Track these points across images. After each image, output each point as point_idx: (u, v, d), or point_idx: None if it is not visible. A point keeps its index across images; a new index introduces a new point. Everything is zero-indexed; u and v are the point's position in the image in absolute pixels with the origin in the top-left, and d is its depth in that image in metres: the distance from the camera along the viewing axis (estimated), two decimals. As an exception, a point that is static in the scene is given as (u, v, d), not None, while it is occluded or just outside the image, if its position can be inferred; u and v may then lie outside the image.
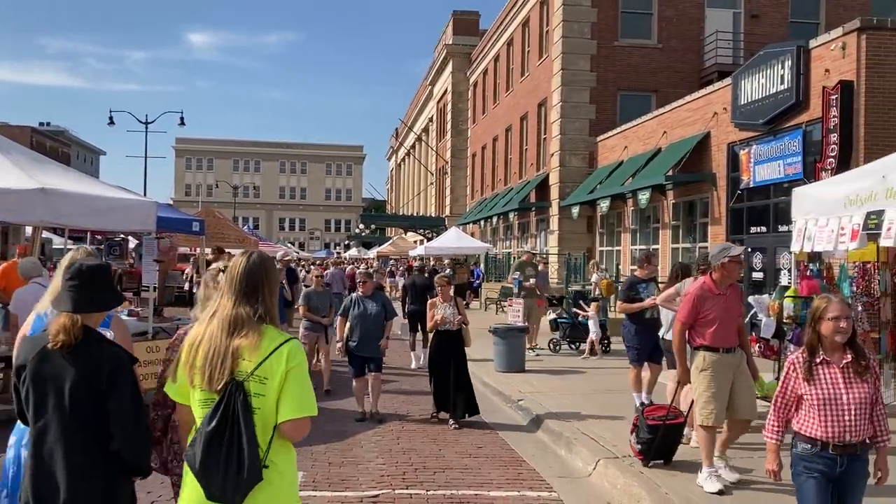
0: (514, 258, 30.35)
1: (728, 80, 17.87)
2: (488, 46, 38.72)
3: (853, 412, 3.92)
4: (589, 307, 14.74)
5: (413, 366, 13.79)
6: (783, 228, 15.01)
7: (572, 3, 25.89)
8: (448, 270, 29.33)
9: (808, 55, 14.91)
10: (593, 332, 14.21)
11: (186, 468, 2.87)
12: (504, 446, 8.03)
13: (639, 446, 6.85)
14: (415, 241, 49.64)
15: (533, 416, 9.24)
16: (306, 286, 13.77)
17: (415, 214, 60.85)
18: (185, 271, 19.82)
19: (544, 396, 10.20)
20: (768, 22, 25.70)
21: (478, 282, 30.01)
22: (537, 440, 8.42)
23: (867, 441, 4.00)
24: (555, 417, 8.91)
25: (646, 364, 9.32)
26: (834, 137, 13.71)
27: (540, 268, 17.06)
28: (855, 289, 9.26)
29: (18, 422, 3.47)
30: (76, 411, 3.08)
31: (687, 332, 6.38)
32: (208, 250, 17.23)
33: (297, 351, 2.91)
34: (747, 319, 9.46)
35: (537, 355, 14.17)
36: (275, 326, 2.97)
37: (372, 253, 50.40)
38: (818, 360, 4.02)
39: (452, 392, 8.90)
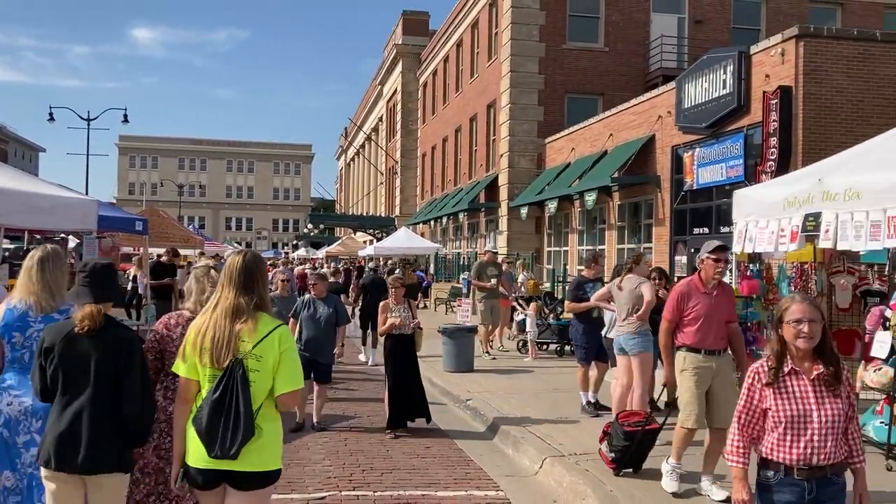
0: (465, 258, 30.51)
1: (672, 84, 18.22)
2: (438, 47, 38.77)
3: (824, 431, 3.41)
4: (528, 307, 14.91)
5: (361, 357, 14.56)
6: (725, 229, 15.36)
7: (521, 6, 26.09)
8: (398, 271, 29.33)
9: (749, 61, 15.28)
10: (530, 332, 14.32)
11: (190, 433, 3.50)
12: (452, 446, 8.05)
13: (612, 454, 6.47)
14: (364, 242, 49.42)
15: (481, 415, 9.28)
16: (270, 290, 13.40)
17: (364, 214, 60.56)
18: (129, 271, 19.22)
19: (492, 396, 10.26)
20: (712, 27, 26.27)
21: (424, 283, 29.86)
22: (485, 439, 8.46)
23: (840, 463, 3.47)
24: (503, 417, 8.96)
25: (593, 363, 9.45)
26: (774, 141, 14.09)
27: (504, 267, 16.84)
28: (793, 288, 9.54)
29: None
30: (99, 385, 3.70)
31: (674, 330, 6.15)
32: (161, 250, 16.88)
33: (287, 335, 3.62)
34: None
35: (493, 358, 13.91)
36: (267, 313, 3.64)
37: (321, 253, 50.01)
38: (786, 370, 3.49)
39: (409, 401, 8.55)
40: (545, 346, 14.84)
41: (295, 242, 79.57)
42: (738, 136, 15.47)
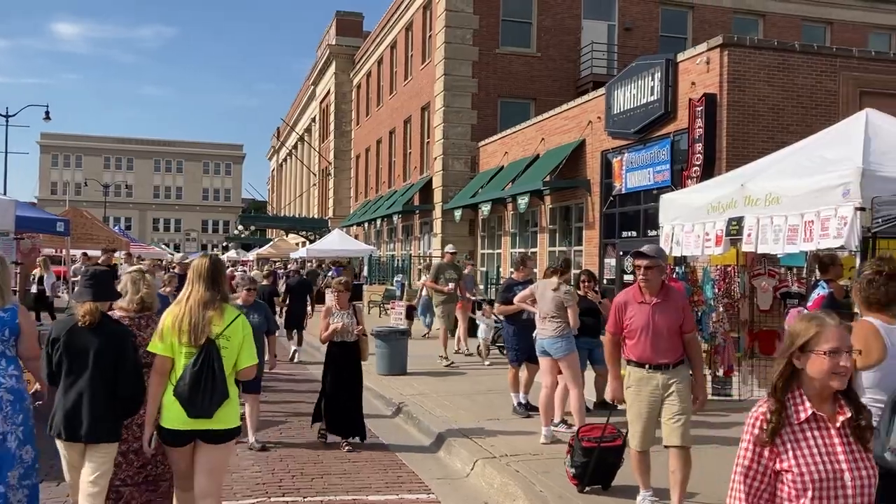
0: (399, 261, 30.45)
1: (602, 90, 18.57)
2: (372, 48, 38.62)
3: (859, 501, 2.58)
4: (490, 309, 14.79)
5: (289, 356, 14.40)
6: (652, 233, 15.71)
7: (455, 10, 26.21)
8: (331, 273, 29.04)
9: (675, 68, 15.69)
10: (481, 335, 14.32)
11: (168, 400, 4.40)
12: (384, 450, 8.01)
13: (573, 470, 6.21)
14: (297, 243, 48.90)
15: (413, 418, 9.27)
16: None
17: (297, 216, 59.86)
18: (34, 272, 17.57)
19: (425, 399, 10.26)
20: (640, 35, 26.89)
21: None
22: (417, 443, 8.45)
23: None
24: (435, 420, 8.96)
25: (524, 364, 9.54)
26: (699, 147, 14.49)
27: (466, 270, 16.37)
28: (717, 291, 9.83)
29: None
30: (99, 369, 4.48)
31: (620, 343, 5.73)
32: (97, 252, 16.34)
33: (247, 322, 4.65)
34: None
35: (449, 364, 13.40)
36: (229, 304, 4.67)
37: (251, 255, 49.21)
38: (802, 416, 2.64)
39: (347, 413, 7.97)
40: (504, 350, 14.84)
41: (225, 244, 78.14)
42: (665, 142, 15.86)
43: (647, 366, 5.56)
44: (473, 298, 15.82)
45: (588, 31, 26.90)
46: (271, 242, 52.10)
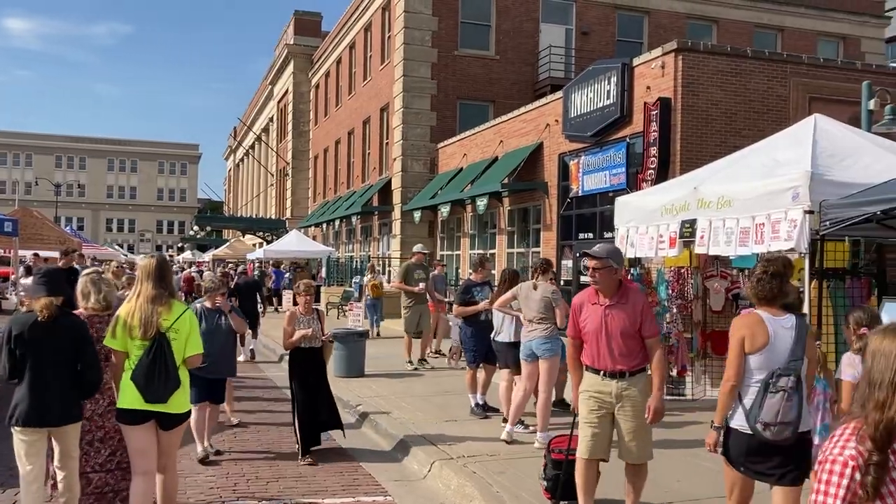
0: (358, 262, 30.32)
1: (560, 94, 18.73)
2: (330, 49, 38.41)
3: None
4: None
5: (241, 358, 13.82)
6: (608, 235, 15.88)
7: (414, 11, 26.21)
8: (287, 274, 28.75)
9: (631, 72, 15.90)
10: (454, 336, 14.03)
11: (125, 383, 4.89)
12: (340, 452, 7.96)
13: (545, 483, 5.93)
14: (253, 244, 48.39)
15: (371, 420, 9.23)
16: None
17: (254, 216, 59.21)
18: None
19: (383, 400, 10.23)
20: (597, 39, 27.19)
21: (275, 285, 28.46)
22: (375, 445, 8.42)
23: None
24: (393, 421, 8.94)
25: (481, 365, 9.56)
26: (654, 150, 14.69)
27: (437, 270, 16.02)
28: (671, 292, 9.97)
29: None
30: (61, 358, 4.88)
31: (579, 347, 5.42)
32: (55, 253, 16.06)
33: (193, 316, 5.18)
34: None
35: (416, 368, 13.11)
36: (176, 300, 5.13)
37: (207, 256, 48.56)
38: None
39: (321, 417, 7.79)
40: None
41: (180, 245, 77.04)
42: (620, 145, 16.05)
43: (601, 372, 5.18)
44: (445, 300, 15.34)
45: (546, 34, 27.12)
46: (228, 243, 51.45)
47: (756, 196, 7.08)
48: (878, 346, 2.32)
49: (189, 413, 5.17)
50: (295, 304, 8.61)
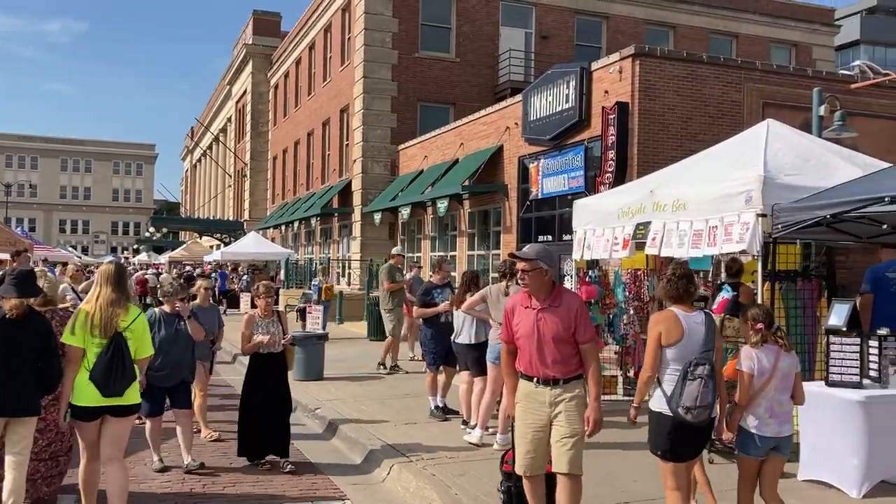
0: (317, 264, 30.10)
1: (519, 97, 18.84)
2: (290, 49, 38.13)
3: None
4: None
5: None
6: (567, 237, 16.03)
7: (374, 13, 26.15)
8: (245, 277, 28.45)
9: (590, 76, 16.05)
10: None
11: (83, 382, 5.23)
12: (298, 456, 7.88)
13: (502, 496, 5.68)
14: (211, 246, 47.80)
15: (330, 424, 9.17)
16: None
17: (211, 218, 58.48)
18: None
19: (342, 403, 10.17)
20: (557, 43, 27.42)
21: (222, 287, 28.12)
22: (333, 448, 8.37)
23: None
24: (351, 424, 8.90)
25: (442, 367, 9.57)
26: (611, 154, 14.86)
27: (413, 272, 15.80)
28: (627, 294, 10.10)
29: None
30: (29, 353, 5.22)
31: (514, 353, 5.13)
32: (6, 255, 15.75)
33: (145, 319, 5.61)
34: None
35: (390, 372, 12.88)
36: (132, 303, 5.54)
37: (164, 258, 47.81)
38: None
39: (273, 432, 7.32)
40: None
41: (136, 246, 75.74)
42: (579, 149, 16.20)
43: (534, 379, 4.92)
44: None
45: (506, 38, 27.27)
46: (184, 245, 50.70)
47: (710, 199, 7.20)
48: None
49: (140, 404, 5.58)
50: (253, 306, 8.49)
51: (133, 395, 5.40)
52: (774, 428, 4.90)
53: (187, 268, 34.77)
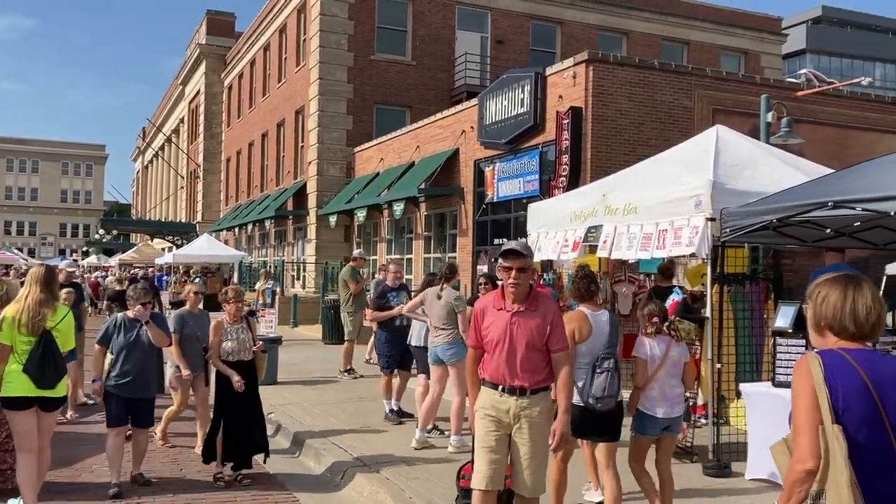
0: (271, 267, 29.79)
1: (475, 101, 18.92)
2: (244, 49, 37.71)
3: None
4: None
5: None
6: (522, 240, 16.13)
7: (329, 14, 26.02)
8: (198, 280, 27.92)
9: (544, 81, 16.19)
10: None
11: (15, 374, 5.57)
12: (251, 462, 7.78)
13: None
14: (162, 248, 47.00)
15: (283, 428, 9.08)
16: (176, 304, 10.54)
17: (163, 220, 57.50)
18: None
19: (296, 408, 10.08)
20: (512, 48, 27.61)
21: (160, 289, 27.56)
22: (287, 453, 8.28)
23: None
24: (305, 429, 8.82)
25: (396, 371, 9.54)
26: (566, 158, 15.01)
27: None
28: (581, 296, 10.19)
29: None
30: None
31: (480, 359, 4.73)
32: None
33: (72, 318, 5.99)
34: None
35: (355, 377, 12.63)
36: (59, 303, 5.92)
37: (114, 260, 46.85)
38: None
39: (249, 439, 7.05)
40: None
41: (85, 249, 74.15)
42: (534, 153, 16.33)
43: (500, 387, 4.53)
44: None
45: (462, 41, 27.37)
46: (135, 247, 49.77)
47: (660, 203, 7.32)
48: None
49: (66, 397, 6.10)
50: (205, 309, 8.35)
51: (62, 389, 5.82)
52: (667, 409, 5.46)
53: (134, 270, 34.11)
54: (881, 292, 13.72)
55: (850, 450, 2.52)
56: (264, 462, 7.32)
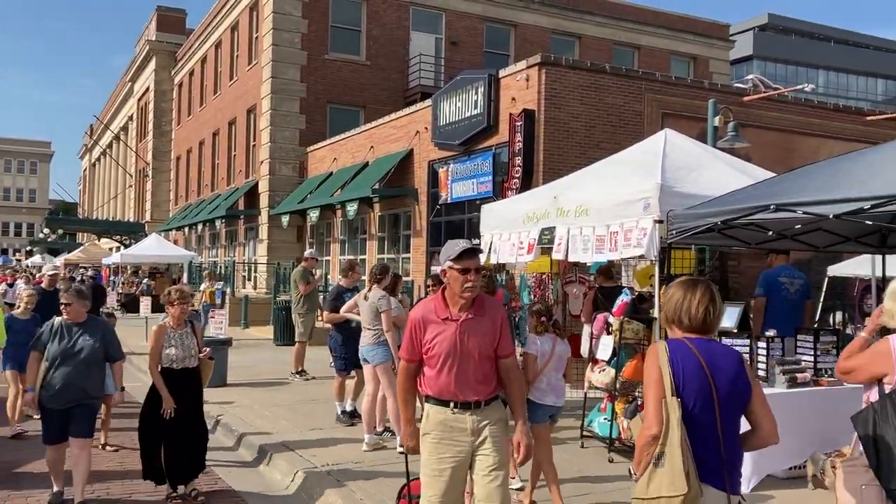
0: (222, 267, 29.38)
1: (429, 102, 18.93)
2: (195, 47, 37.14)
3: None
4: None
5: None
6: (476, 241, 16.14)
7: (282, 13, 25.79)
8: (146, 280, 27.47)
9: (498, 83, 16.29)
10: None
11: None
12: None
13: None
14: (110, 248, 46.01)
15: (232, 431, 8.96)
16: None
17: (111, 219, 56.29)
18: None
19: (246, 410, 9.96)
20: (466, 49, 27.71)
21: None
22: (237, 456, 8.18)
23: None
24: (255, 432, 8.73)
25: (352, 372, 9.49)
26: (518, 160, 15.11)
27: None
28: (533, 297, 10.29)
29: None
30: None
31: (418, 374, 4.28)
32: None
33: (1, 318, 6.47)
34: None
35: (308, 379, 12.51)
36: None
37: (59, 260, 45.67)
38: None
39: (189, 455, 6.49)
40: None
41: (29, 248, 72.09)
42: (487, 154, 16.41)
43: (451, 404, 4.11)
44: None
45: (416, 42, 27.37)
46: (82, 247, 48.60)
47: (611, 205, 7.41)
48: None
49: None
50: (156, 311, 8.18)
51: None
52: (553, 399, 5.99)
53: (80, 270, 33.32)
54: (823, 293, 14.13)
55: (685, 419, 3.11)
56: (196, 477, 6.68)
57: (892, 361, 3.88)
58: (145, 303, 23.48)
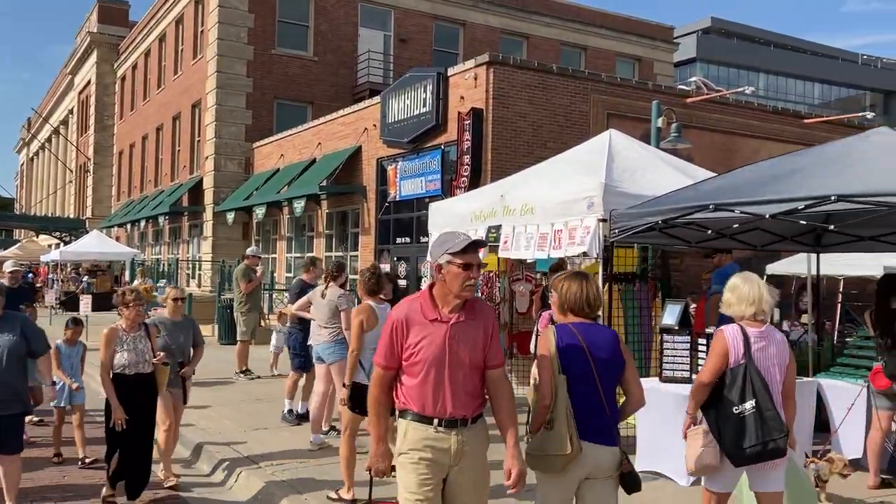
0: (165, 265, 28.87)
1: (378, 99, 18.87)
2: (139, 39, 36.35)
3: None
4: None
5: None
6: (424, 239, 16.20)
7: (228, 6, 25.41)
8: (86, 278, 26.76)
9: (446, 82, 16.32)
10: (273, 346, 13.27)
11: None
12: (141, 466, 7.52)
13: None
14: (49, 245, 44.77)
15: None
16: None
17: (50, 215, 54.74)
18: None
19: (190, 410, 9.75)
20: (415, 47, 27.69)
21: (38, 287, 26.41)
22: (178, 456, 8.03)
23: None
24: (198, 431, 8.60)
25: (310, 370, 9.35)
26: (467, 159, 15.17)
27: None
28: (481, 295, 10.33)
29: None
30: None
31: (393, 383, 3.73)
32: None
33: None
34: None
35: (252, 378, 12.30)
36: None
37: (-6, 258, 44.21)
38: None
39: (144, 461, 6.28)
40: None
41: (-38, 245, 69.66)
42: (436, 153, 16.43)
43: (437, 421, 3.57)
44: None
45: (365, 39, 27.25)
46: (19, 244, 47.15)
47: (556, 204, 7.51)
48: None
49: None
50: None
51: None
52: None
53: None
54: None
55: (573, 395, 3.73)
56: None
57: (729, 351, 4.43)
58: (85, 301, 22.89)
